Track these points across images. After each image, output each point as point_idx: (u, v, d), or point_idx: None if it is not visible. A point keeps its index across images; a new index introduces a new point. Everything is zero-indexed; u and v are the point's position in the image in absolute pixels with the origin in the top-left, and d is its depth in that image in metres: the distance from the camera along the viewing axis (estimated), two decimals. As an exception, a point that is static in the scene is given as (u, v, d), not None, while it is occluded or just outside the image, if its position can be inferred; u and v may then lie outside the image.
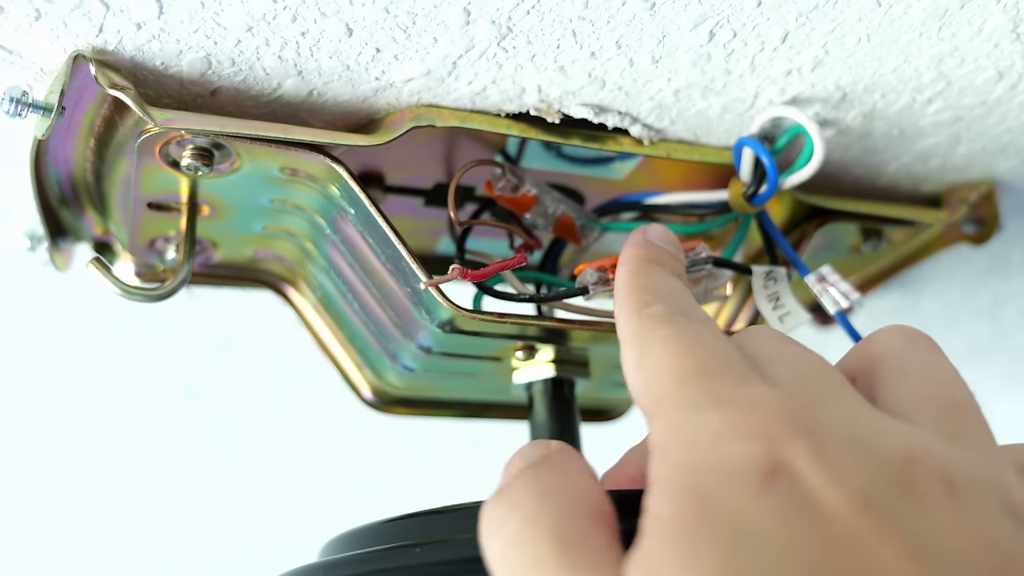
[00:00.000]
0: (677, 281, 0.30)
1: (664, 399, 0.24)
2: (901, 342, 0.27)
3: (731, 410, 0.22)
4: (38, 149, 0.35)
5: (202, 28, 0.31)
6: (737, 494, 0.21)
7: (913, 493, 0.21)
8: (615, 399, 0.48)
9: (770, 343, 0.27)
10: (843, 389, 0.24)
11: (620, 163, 0.40)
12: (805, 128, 0.36)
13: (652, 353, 0.26)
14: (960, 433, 0.24)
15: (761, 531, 0.20)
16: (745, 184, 0.37)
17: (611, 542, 0.23)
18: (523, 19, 0.32)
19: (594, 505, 0.24)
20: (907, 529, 0.20)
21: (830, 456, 0.21)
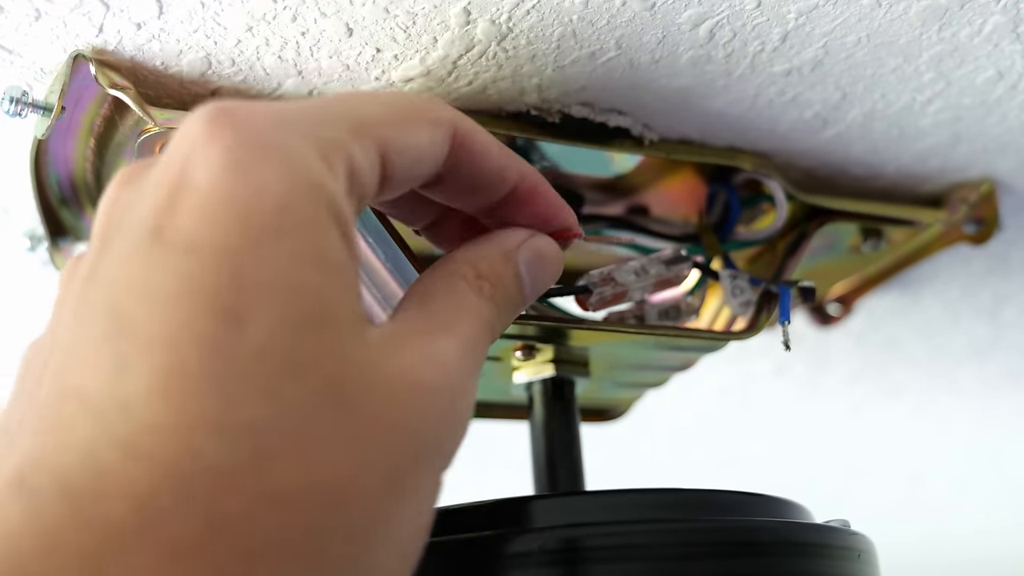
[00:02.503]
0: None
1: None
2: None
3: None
4: (38, 149, 0.35)
5: (202, 28, 0.31)
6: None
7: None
8: (615, 399, 0.48)
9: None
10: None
11: (620, 162, 0.40)
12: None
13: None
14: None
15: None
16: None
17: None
18: (523, 19, 0.32)
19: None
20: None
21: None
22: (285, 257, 0.21)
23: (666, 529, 0.30)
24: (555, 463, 0.39)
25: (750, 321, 0.40)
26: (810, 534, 0.33)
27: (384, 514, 0.22)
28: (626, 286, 0.35)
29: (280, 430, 0.20)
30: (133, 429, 0.20)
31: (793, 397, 0.68)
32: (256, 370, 0.20)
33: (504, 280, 0.28)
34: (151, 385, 0.20)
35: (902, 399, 0.70)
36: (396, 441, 0.22)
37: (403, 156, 0.25)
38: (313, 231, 0.22)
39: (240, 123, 0.22)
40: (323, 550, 0.20)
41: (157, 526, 0.19)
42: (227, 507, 0.19)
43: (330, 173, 0.23)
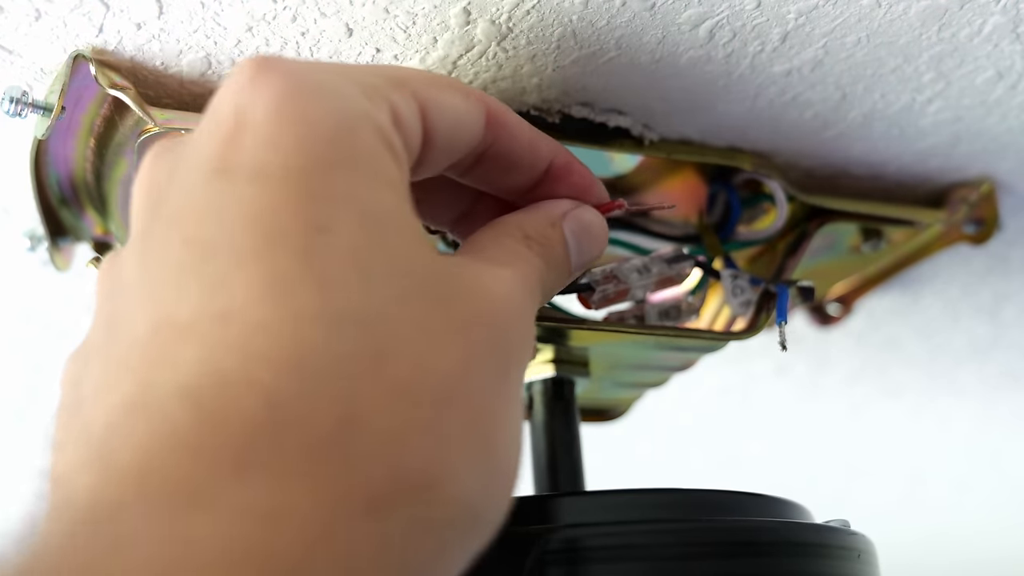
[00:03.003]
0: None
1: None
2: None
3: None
4: (38, 149, 0.35)
5: (202, 28, 0.31)
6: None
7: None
8: (615, 399, 0.48)
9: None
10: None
11: (620, 163, 0.40)
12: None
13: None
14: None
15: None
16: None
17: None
18: (523, 19, 0.32)
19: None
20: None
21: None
22: (349, 176, 0.22)
23: (666, 529, 0.30)
24: (555, 463, 0.39)
25: (750, 321, 0.40)
26: (810, 534, 0.33)
27: (493, 406, 0.22)
28: (628, 284, 0.35)
29: (388, 321, 0.21)
30: (243, 335, 0.20)
31: (793, 397, 0.68)
32: (351, 270, 0.21)
33: (552, 243, 0.28)
34: (248, 295, 0.20)
35: (902, 399, 0.70)
36: (494, 336, 0.23)
37: (443, 117, 0.26)
38: (368, 154, 0.23)
39: (284, 68, 0.23)
40: (451, 440, 0.21)
41: (288, 424, 0.19)
42: (354, 397, 0.20)
43: (375, 108, 0.23)
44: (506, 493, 0.22)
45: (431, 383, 0.21)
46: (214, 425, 0.19)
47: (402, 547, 0.19)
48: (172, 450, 0.19)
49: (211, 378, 0.19)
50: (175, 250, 0.22)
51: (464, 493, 0.21)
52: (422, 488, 0.20)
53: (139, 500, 0.18)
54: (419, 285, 0.22)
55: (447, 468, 0.20)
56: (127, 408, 0.20)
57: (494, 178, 0.29)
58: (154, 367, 0.20)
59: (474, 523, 0.21)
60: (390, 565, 0.19)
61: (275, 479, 0.18)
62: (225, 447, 0.19)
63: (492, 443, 0.22)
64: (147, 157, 0.25)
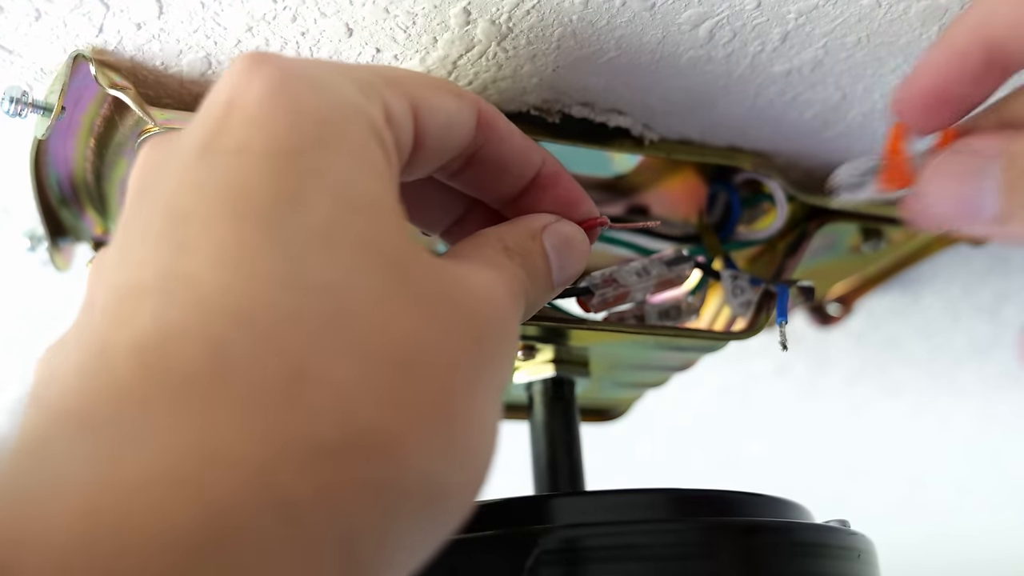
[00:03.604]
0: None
1: None
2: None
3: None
4: (38, 149, 0.35)
5: (202, 28, 0.31)
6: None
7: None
8: (615, 399, 0.48)
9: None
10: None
11: (620, 162, 0.40)
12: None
13: None
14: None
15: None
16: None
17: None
18: (523, 19, 0.32)
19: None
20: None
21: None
22: (332, 158, 0.22)
23: (666, 529, 0.30)
24: (555, 463, 0.39)
25: (750, 321, 0.40)
26: (810, 534, 0.33)
27: (464, 388, 0.22)
28: (628, 287, 0.35)
29: (351, 289, 0.21)
30: (199, 293, 0.20)
31: (793, 397, 0.68)
32: (319, 242, 0.21)
33: (532, 255, 0.28)
34: (211, 258, 0.20)
35: (902, 399, 0.70)
36: (468, 323, 0.23)
37: (434, 117, 0.26)
38: (355, 141, 0.23)
39: (279, 60, 0.23)
40: (409, 406, 0.20)
41: (235, 372, 0.19)
42: (307, 351, 0.19)
43: (368, 103, 0.24)
44: (474, 479, 0.22)
45: (391, 347, 0.20)
46: (156, 372, 0.19)
47: (348, 506, 0.19)
48: (109, 394, 0.18)
49: (161, 332, 0.19)
50: (151, 221, 0.22)
51: (424, 465, 0.20)
52: (376, 448, 0.19)
53: (72, 435, 0.18)
54: (390, 263, 0.22)
55: (406, 435, 0.20)
56: (78, 366, 0.20)
57: (483, 182, 0.29)
58: (112, 327, 0.20)
59: (435, 500, 0.21)
60: (334, 522, 0.19)
61: (212, 420, 0.18)
62: (165, 390, 0.18)
63: (459, 423, 0.21)
64: (143, 149, 0.25)
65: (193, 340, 0.19)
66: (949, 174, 0.28)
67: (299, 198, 0.21)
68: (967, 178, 0.27)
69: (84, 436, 0.18)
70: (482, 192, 0.30)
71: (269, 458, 0.18)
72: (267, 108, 0.22)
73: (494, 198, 0.30)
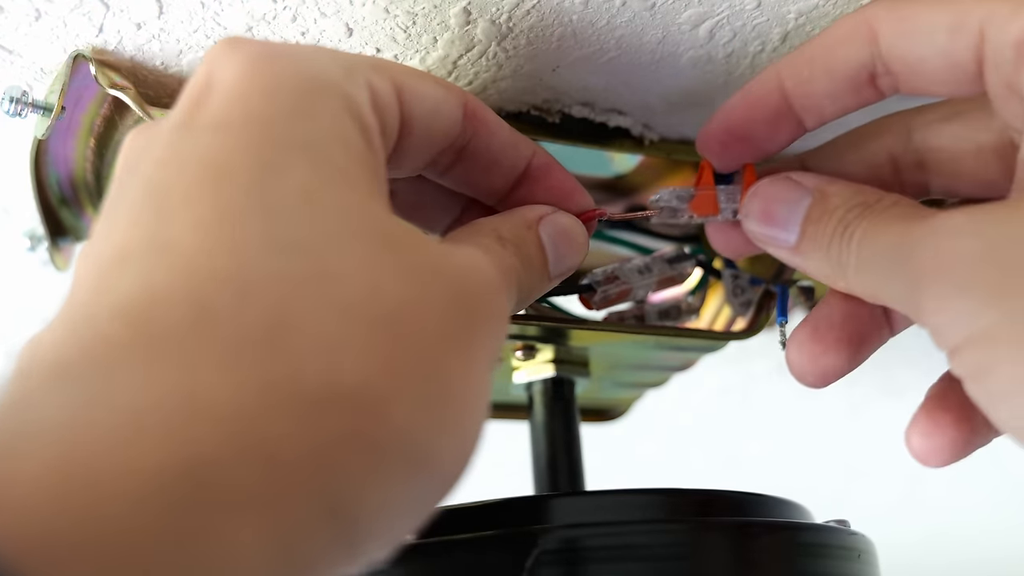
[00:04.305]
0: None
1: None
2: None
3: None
4: (38, 149, 0.35)
5: (202, 28, 0.31)
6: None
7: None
8: (615, 399, 0.48)
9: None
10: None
11: (620, 162, 0.40)
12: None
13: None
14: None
15: None
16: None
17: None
18: (523, 19, 0.32)
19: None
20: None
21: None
22: (309, 128, 0.22)
23: (666, 529, 0.30)
24: (555, 463, 0.39)
25: (750, 321, 0.40)
26: (810, 534, 0.33)
27: (452, 354, 0.22)
28: (630, 284, 0.35)
29: (336, 251, 0.21)
30: (183, 258, 0.20)
31: (793, 397, 0.68)
32: (300, 206, 0.21)
33: (527, 244, 0.28)
34: (197, 222, 0.20)
35: (902, 399, 0.69)
36: (456, 295, 0.22)
37: (421, 102, 0.26)
38: (329, 116, 0.23)
39: (256, 41, 0.23)
40: (395, 366, 0.20)
41: (217, 326, 0.19)
42: (292, 306, 0.19)
43: (349, 81, 0.24)
44: (462, 448, 0.22)
45: (377, 305, 0.20)
46: (140, 331, 0.18)
47: (332, 459, 0.19)
48: (91, 349, 0.18)
49: (144, 294, 0.19)
50: (136, 198, 0.22)
51: (409, 426, 0.20)
52: (360, 402, 0.19)
53: (51, 387, 0.18)
54: (374, 231, 0.22)
55: (392, 394, 0.20)
56: (66, 336, 0.19)
57: (475, 177, 0.29)
58: (96, 295, 0.20)
59: (422, 464, 0.20)
60: (314, 470, 0.18)
61: (193, 368, 0.18)
62: (147, 345, 0.18)
63: (447, 390, 0.21)
64: (128, 135, 0.25)
65: (177, 300, 0.19)
66: (768, 196, 0.30)
67: (276, 164, 0.21)
68: (781, 202, 0.29)
69: (62, 386, 0.17)
70: (474, 188, 0.30)
71: (251, 406, 0.18)
72: (243, 83, 0.22)
73: (487, 193, 0.30)
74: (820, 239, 0.28)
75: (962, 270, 0.24)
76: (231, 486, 0.17)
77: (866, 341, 0.31)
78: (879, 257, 0.26)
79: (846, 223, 0.28)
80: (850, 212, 0.28)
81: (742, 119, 0.31)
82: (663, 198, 0.32)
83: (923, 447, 0.29)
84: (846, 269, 0.28)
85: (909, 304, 0.26)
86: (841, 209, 0.28)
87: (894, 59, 0.28)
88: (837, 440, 0.77)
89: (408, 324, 0.21)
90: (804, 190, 0.29)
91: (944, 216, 0.25)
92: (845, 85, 0.29)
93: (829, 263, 0.28)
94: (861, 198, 0.28)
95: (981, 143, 0.29)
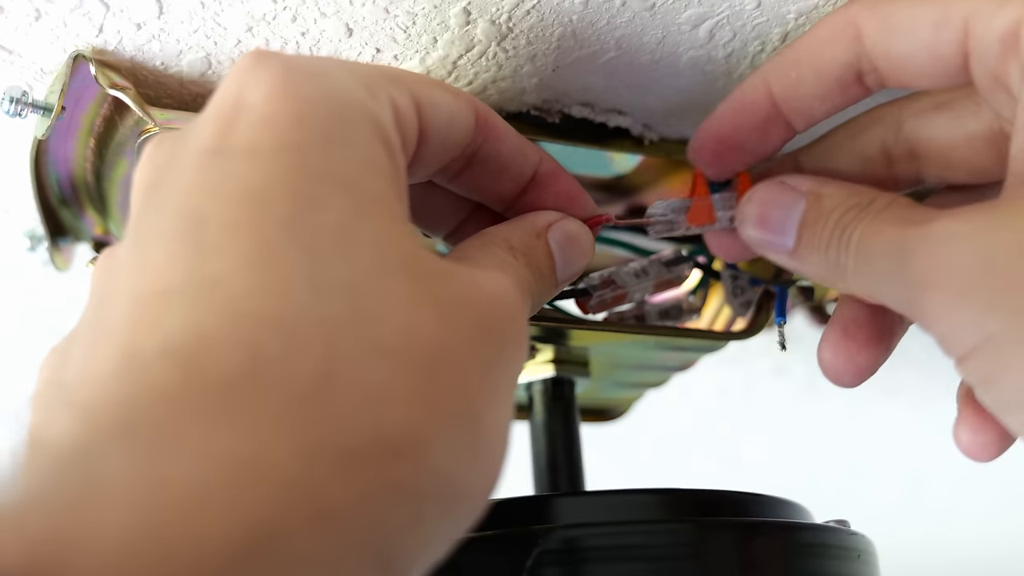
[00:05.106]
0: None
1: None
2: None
3: None
4: (38, 149, 0.35)
5: (202, 28, 0.31)
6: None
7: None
8: (615, 399, 0.48)
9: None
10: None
11: (620, 162, 0.40)
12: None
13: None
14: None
15: None
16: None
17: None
18: (523, 19, 0.32)
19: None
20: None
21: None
22: (341, 156, 0.22)
23: (665, 529, 0.30)
24: (555, 463, 0.39)
25: (750, 321, 0.40)
26: (810, 534, 0.33)
27: (483, 389, 0.22)
28: (626, 288, 0.35)
29: (373, 289, 0.21)
30: (228, 297, 0.20)
31: (793, 397, 0.68)
32: (337, 241, 0.21)
33: (536, 253, 0.28)
34: (236, 261, 0.20)
35: (902, 399, 0.70)
36: (484, 324, 0.23)
37: (437, 113, 0.26)
38: (361, 140, 0.23)
39: (284, 57, 0.23)
40: (433, 407, 0.20)
41: (271, 375, 0.19)
42: (336, 354, 0.20)
43: (374, 101, 0.24)
44: (492, 478, 0.22)
45: (416, 350, 0.21)
46: (194, 377, 0.19)
47: (379, 510, 0.19)
48: (151, 400, 0.18)
49: (195, 336, 0.19)
50: (168, 224, 0.22)
51: (448, 466, 0.20)
52: (403, 450, 0.20)
53: (116, 443, 0.18)
54: (405, 262, 0.22)
55: (431, 436, 0.20)
56: (111, 373, 0.20)
57: (483, 183, 0.30)
58: (139, 331, 0.20)
59: (457, 500, 0.21)
60: (366, 527, 0.19)
61: (252, 428, 0.18)
62: (205, 397, 0.18)
63: (480, 424, 0.22)
64: (147, 146, 0.25)
65: (227, 345, 0.19)
66: (763, 201, 0.30)
67: (313, 197, 0.21)
68: (776, 207, 0.30)
69: (126, 443, 0.18)
70: (483, 194, 0.30)
71: (305, 465, 0.18)
72: (274, 106, 0.22)
73: (495, 199, 0.30)
74: (817, 242, 0.28)
75: (962, 278, 0.24)
76: (293, 550, 0.18)
77: (894, 333, 0.31)
78: (877, 260, 0.27)
79: (843, 226, 0.28)
80: (846, 214, 0.28)
81: (731, 127, 0.31)
82: (659, 212, 0.33)
83: (972, 443, 0.29)
84: (845, 272, 0.28)
85: (909, 307, 0.26)
86: (837, 211, 0.28)
87: (879, 56, 0.28)
88: (837, 440, 0.77)
89: (444, 363, 0.21)
90: (798, 194, 0.29)
91: (941, 222, 0.25)
92: (833, 85, 0.29)
93: (827, 266, 0.28)
94: (856, 199, 0.28)
95: (971, 132, 0.29)
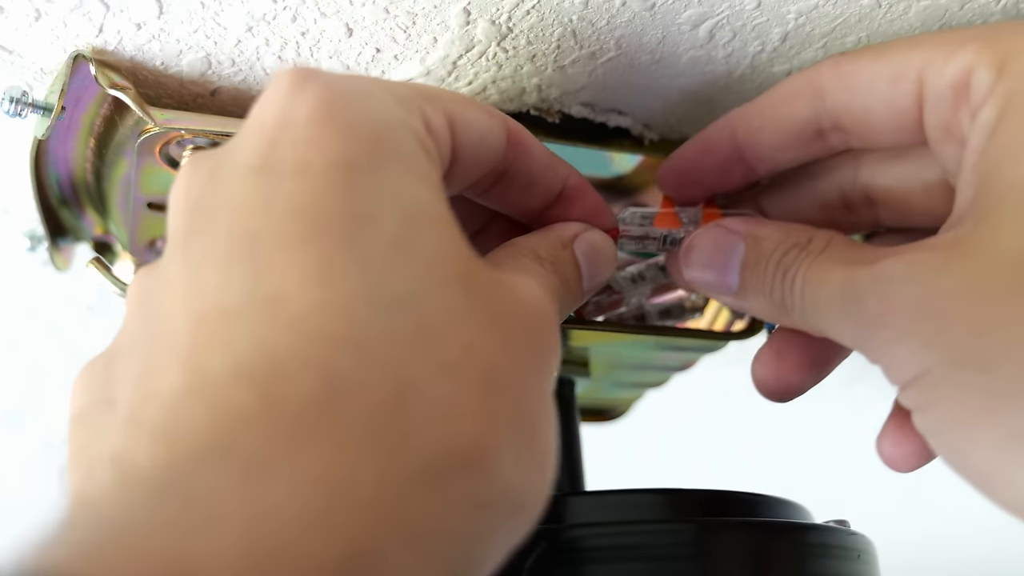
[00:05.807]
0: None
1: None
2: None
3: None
4: (38, 149, 0.35)
5: (202, 28, 0.31)
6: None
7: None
8: (615, 399, 0.48)
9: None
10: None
11: (620, 163, 0.40)
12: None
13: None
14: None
15: None
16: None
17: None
18: (523, 19, 0.32)
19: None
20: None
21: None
22: (389, 172, 0.22)
23: (666, 529, 0.30)
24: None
25: (750, 321, 0.40)
26: (810, 534, 0.33)
27: (535, 398, 0.22)
28: (622, 293, 0.36)
29: (433, 303, 0.21)
30: (292, 315, 0.20)
31: (793, 397, 0.68)
32: (394, 256, 0.21)
33: (564, 263, 0.29)
34: (297, 278, 0.20)
35: (902, 399, 0.69)
36: (530, 334, 0.23)
37: (469, 131, 0.26)
38: (407, 153, 0.23)
39: (324, 76, 0.23)
40: (496, 419, 0.21)
41: (347, 395, 0.19)
42: (407, 370, 0.20)
43: (409, 116, 0.24)
44: (546, 484, 0.23)
45: (479, 364, 0.21)
46: (274, 400, 0.19)
47: (455, 524, 0.20)
48: (236, 426, 0.19)
49: (266, 357, 0.20)
50: (219, 244, 0.22)
51: (512, 476, 0.21)
52: (473, 463, 0.20)
53: (210, 467, 0.18)
54: (460, 275, 0.22)
55: (496, 447, 0.21)
56: (181, 392, 0.20)
57: (512, 198, 0.30)
58: (204, 352, 0.20)
59: (519, 509, 0.21)
60: (444, 541, 0.19)
61: (339, 449, 0.19)
62: (286, 419, 0.19)
63: (536, 433, 0.22)
64: (185, 164, 0.25)
65: (299, 365, 0.19)
66: (703, 246, 0.31)
67: (367, 214, 0.21)
68: (717, 252, 0.31)
69: (221, 468, 0.18)
70: (510, 207, 0.31)
71: (391, 484, 0.19)
72: (319, 125, 0.22)
73: (521, 212, 0.31)
74: (761, 284, 0.30)
75: (904, 318, 0.25)
76: (384, 570, 0.18)
77: (829, 360, 0.33)
78: (825, 302, 0.28)
79: (784, 267, 0.29)
80: (787, 256, 0.29)
81: (693, 163, 0.33)
82: (628, 219, 0.33)
83: (894, 455, 0.30)
84: (791, 311, 0.29)
85: (858, 343, 0.28)
86: (777, 252, 0.29)
87: (841, 112, 0.29)
88: (837, 440, 0.77)
89: (500, 374, 0.21)
90: (736, 236, 0.30)
91: (887, 262, 0.26)
92: (792, 139, 0.31)
93: (773, 305, 0.29)
94: (793, 240, 0.29)
95: (927, 181, 0.30)
